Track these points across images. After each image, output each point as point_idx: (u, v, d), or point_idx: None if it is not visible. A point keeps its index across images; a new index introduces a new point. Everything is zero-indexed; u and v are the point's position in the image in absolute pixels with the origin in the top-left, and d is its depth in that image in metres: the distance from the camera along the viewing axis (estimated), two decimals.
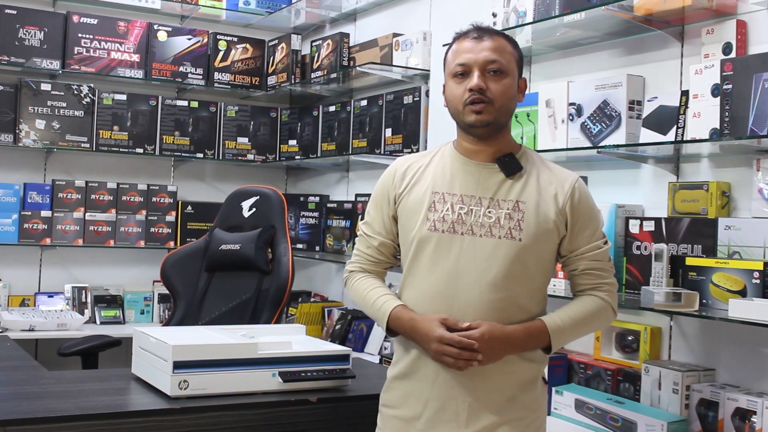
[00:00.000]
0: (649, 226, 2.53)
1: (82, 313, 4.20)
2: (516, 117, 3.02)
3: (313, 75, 4.28)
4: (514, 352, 1.86)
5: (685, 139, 2.44)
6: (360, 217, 3.76)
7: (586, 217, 1.93)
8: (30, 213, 4.20)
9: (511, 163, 1.92)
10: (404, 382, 1.95)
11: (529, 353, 1.90)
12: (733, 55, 2.37)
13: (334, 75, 4.13)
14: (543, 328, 1.87)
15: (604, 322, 1.98)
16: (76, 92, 4.29)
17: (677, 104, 2.49)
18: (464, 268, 1.86)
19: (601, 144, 2.66)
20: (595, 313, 1.93)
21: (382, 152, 3.87)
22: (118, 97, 4.40)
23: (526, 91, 2.02)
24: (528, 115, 2.97)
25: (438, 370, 1.88)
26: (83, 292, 4.32)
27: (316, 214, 4.34)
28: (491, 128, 1.91)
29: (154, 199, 4.47)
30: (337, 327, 3.94)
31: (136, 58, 4.39)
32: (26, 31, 4.16)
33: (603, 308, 1.94)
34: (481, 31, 1.94)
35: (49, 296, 4.30)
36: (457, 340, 1.80)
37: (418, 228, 1.92)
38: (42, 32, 4.19)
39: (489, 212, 1.89)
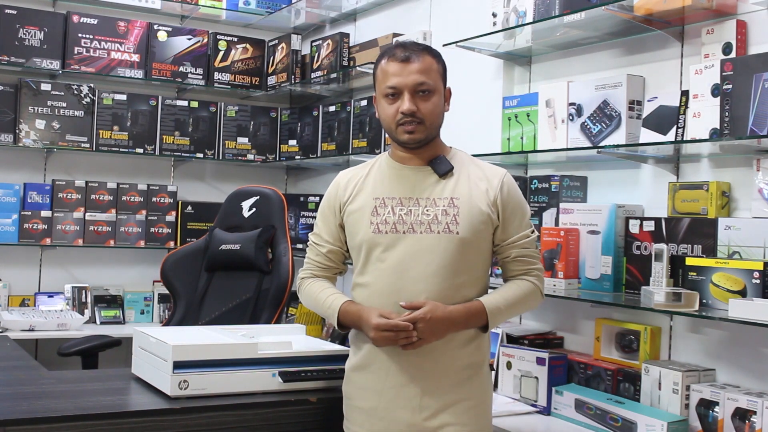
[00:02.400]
0: (649, 226, 2.53)
1: (82, 313, 4.20)
2: (516, 117, 3.02)
3: (313, 75, 4.28)
4: (455, 330, 2.02)
5: (685, 139, 2.44)
6: None
7: (515, 208, 2.12)
8: (30, 213, 4.20)
9: (441, 164, 2.10)
10: (360, 374, 2.11)
11: (475, 341, 2.07)
12: (733, 55, 2.37)
13: (334, 75, 4.13)
14: (481, 309, 2.04)
15: (534, 303, 2.16)
16: (76, 92, 4.29)
17: (677, 104, 2.49)
18: (409, 264, 2.03)
19: (601, 144, 2.66)
20: (526, 296, 2.12)
21: (382, 152, 3.87)
22: (118, 97, 4.39)
23: (451, 99, 2.18)
24: (528, 115, 2.97)
25: (390, 362, 2.04)
26: (83, 292, 4.32)
27: (316, 214, 4.33)
28: (422, 143, 2.09)
29: (154, 199, 4.47)
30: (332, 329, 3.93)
31: (136, 58, 4.39)
32: (26, 31, 4.16)
33: (533, 291, 2.13)
34: (407, 51, 2.07)
35: (49, 296, 4.30)
36: (393, 324, 1.96)
37: (363, 232, 2.09)
38: (42, 32, 4.19)
39: (427, 211, 2.06)
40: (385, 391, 2.05)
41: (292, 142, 4.70)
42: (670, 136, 2.49)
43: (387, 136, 3.86)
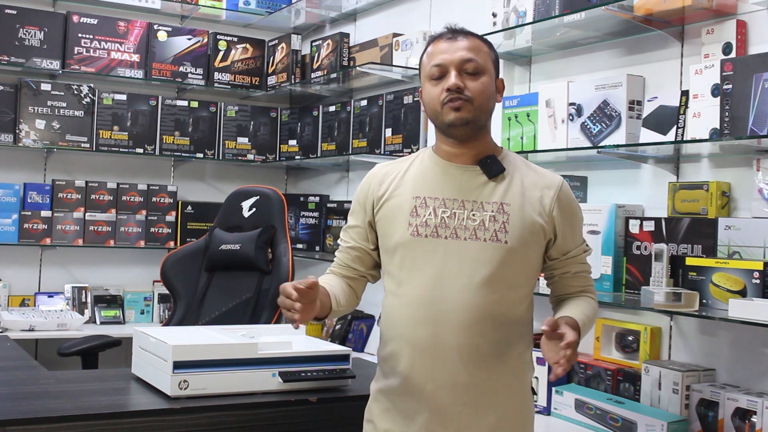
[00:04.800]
0: (649, 226, 2.53)
1: (82, 313, 4.20)
2: (516, 117, 3.02)
3: (313, 75, 4.28)
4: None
5: (685, 139, 2.44)
6: None
7: (573, 220, 1.92)
8: (30, 213, 4.20)
9: (493, 165, 1.89)
10: (390, 396, 1.90)
11: (521, 359, 1.88)
12: (733, 55, 2.37)
13: (334, 75, 4.13)
14: (576, 326, 1.80)
15: (594, 322, 1.98)
16: (76, 92, 4.29)
17: (677, 104, 2.49)
18: (450, 272, 1.82)
19: (601, 144, 2.66)
20: (594, 314, 1.94)
21: (382, 152, 3.87)
22: (118, 97, 4.40)
23: (504, 93, 2.00)
24: (528, 115, 2.97)
25: (425, 382, 1.83)
26: (83, 292, 4.32)
27: (316, 214, 4.34)
28: (471, 128, 1.86)
29: (154, 199, 4.47)
30: (337, 327, 3.94)
31: (136, 58, 4.40)
32: (26, 31, 4.16)
33: (596, 309, 1.96)
34: (455, 32, 1.90)
35: (49, 296, 4.30)
36: (287, 291, 1.73)
37: (400, 234, 1.87)
38: (42, 32, 4.19)
39: (473, 215, 1.85)
40: (417, 414, 1.84)
41: (292, 142, 4.70)
42: (670, 136, 2.49)
43: (386, 136, 3.87)
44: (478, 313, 1.80)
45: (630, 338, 2.62)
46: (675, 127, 2.48)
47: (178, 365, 2.15)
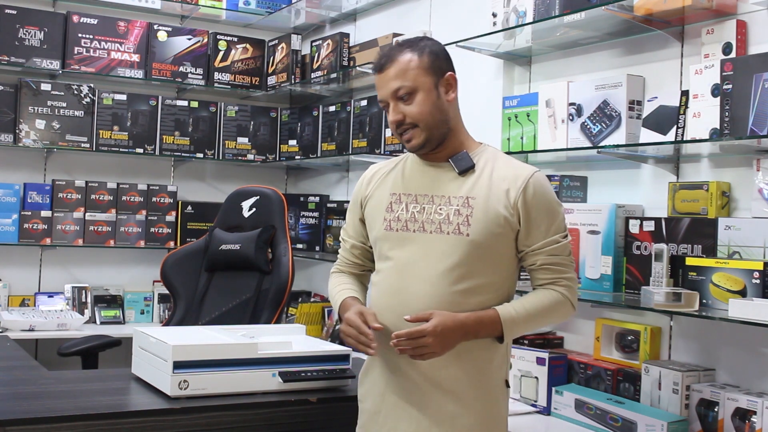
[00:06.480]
0: (649, 226, 2.53)
1: (82, 313, 4.20)
2: (516, 117, 3.02)
3: (313, 75, 4.28)
4: (467, 339, 1.88)
5: (685, 139, 2.44)
6: None
7: (541, 212, 1.93)
8: (30, 213, 4.20)
9: (462, 161, 1.97)
10: (368, 376, 2.06)
11: (487, 353, 1.93)
12: (733, 55, 2.37)
13: (334, 75, 4.13)
14: (496, 317, 1.89)
15: (562, 316, 1.99)
16: (76, 92, 4.29)
17: (677, 104, 2.49)
18: (415, 264, 1.93)
19: (601, 144, 2.66)
20: (551, 307, 1.95)
21: (382, 152, 3.87)
22: (118, 97, 4.39)
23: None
24: (528, 115, 2.97)
25: (394, 367, 1.95)
26: (83, 292, 4.32)
27: (316, 214, 4.34)
28: (430, 145, 1.97)
29: (154, 199, 4.47)
30: (337, 327, 3.94)
31: (136, 58, 4.39)
32: (26, 31, 4.16)
33: (560, 302, 1.95)
34: (382, 58, 1.97)
35: (49, 296, 4.30)
36: (357, 325, 1.88)
37: (377, 229, 2.02)
38: (42, 32, 4.19)
39: (440, 209, 1.95)
40: (386, 395, 1.98)
41: (292, 142, 4.70)
42: (670, 136, 2.49)
43: (386, 136, 3.86)
44: (437, 302, 1.89)
45: (630, 338, 2.62)
46: (675, 127, 2.48)
47: (178, 365, 2.15)
